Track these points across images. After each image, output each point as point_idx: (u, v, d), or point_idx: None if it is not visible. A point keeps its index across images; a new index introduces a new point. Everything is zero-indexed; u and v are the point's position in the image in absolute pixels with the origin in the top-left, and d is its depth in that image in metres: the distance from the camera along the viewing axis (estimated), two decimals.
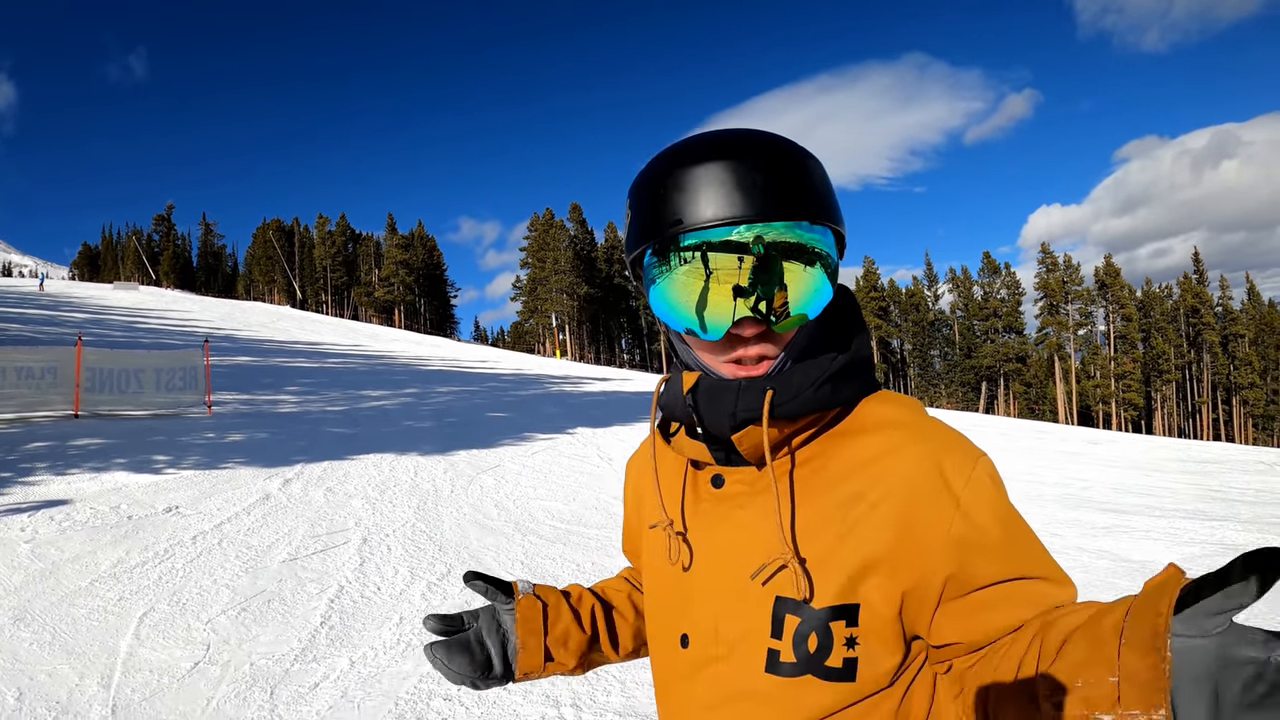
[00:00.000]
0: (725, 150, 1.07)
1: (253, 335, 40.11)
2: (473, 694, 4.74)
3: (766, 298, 1.05)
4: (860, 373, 1.15)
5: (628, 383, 39.07)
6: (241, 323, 47.66)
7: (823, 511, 1.10)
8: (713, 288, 1.05)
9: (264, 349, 33.61)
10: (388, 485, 10.10)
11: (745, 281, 1.04)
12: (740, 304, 1.05)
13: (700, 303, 1.07)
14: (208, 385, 16.07)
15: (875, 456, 1.09)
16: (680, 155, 1.10)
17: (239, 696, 4.59)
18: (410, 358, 40.26)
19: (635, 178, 1.16)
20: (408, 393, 23.36)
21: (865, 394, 1.16)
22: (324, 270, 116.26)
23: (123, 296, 59.25)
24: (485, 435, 15.41)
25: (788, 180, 1.06)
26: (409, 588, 6.49)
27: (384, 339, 54.22)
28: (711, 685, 1.17)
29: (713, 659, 1.17)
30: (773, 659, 1.09)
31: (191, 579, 6.34)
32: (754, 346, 1.10)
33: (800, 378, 1.10)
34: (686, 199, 1.06)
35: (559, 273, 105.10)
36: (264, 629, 5.55)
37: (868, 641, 1.06)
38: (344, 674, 4.95)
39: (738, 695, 1.13)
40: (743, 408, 1.10)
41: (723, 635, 1.15)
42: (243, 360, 27.27)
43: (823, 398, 1.10)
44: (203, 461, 10.71)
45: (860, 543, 1.06)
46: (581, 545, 8.07)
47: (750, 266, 1.04)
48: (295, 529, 7.86)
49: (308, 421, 15.59)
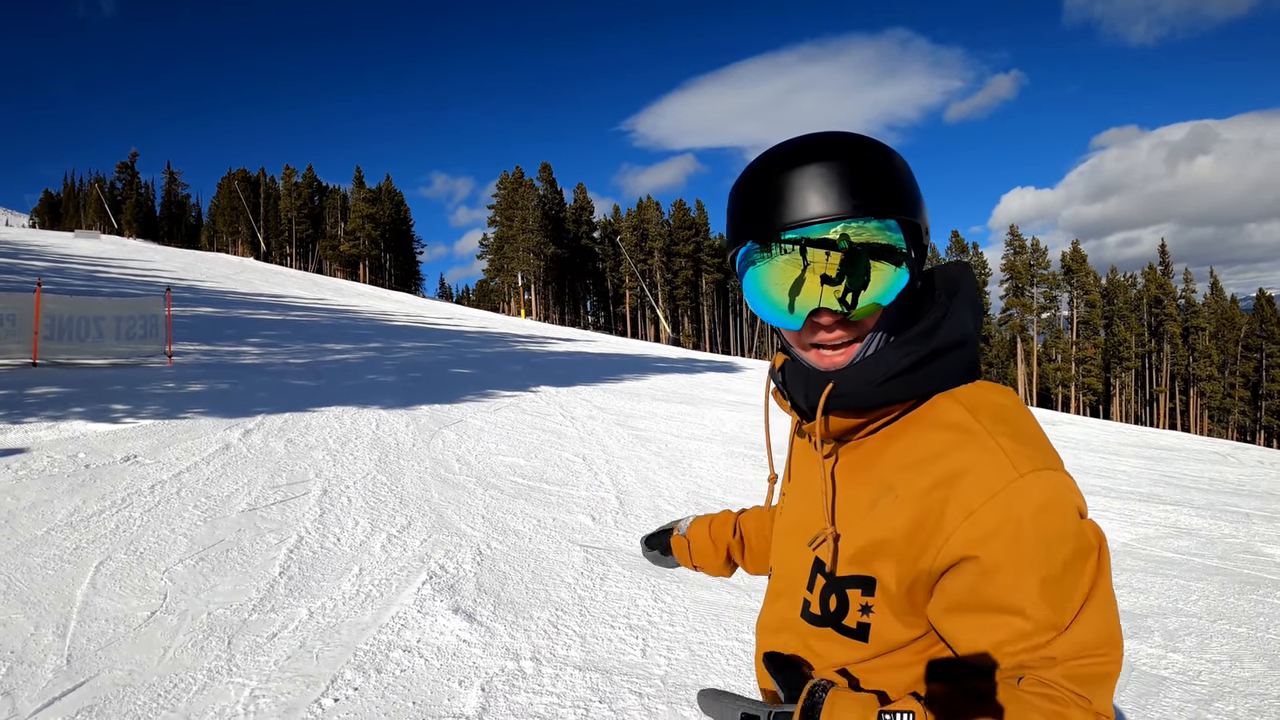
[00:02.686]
0: (817, 153, 1.15)
1: (215, 286, 39.62)
2: (432, 645, 4.76)
3: (849, 288, 1.12)
4: (941, 364, 1.19)
5: (591, 344, 39.06)
6: (204, 274, 47.03)
7: (862, 494, 1.22)
8: (807, 278, 1.14)
9: (227, 300, 33.20)
10: (349, 438, 10.04)
11: (834, 272, 1.12)
12: (827, 292, 1.13)
13: (792, 291, 1.16)
14: (169, 335, 15.83)
15: (923, 459, 1.15)
16: (782, 157, 1.18)
17: (196, 646, 4.57)
18: (374, 312, 39.98)
19: (740, 177, 1.24)
20: (371, 347, 23.20)
21: (951, 385, 1.20)
22: (289, 223, 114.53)
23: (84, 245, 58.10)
24: (449, 391, 15.36)
25: (870, 180, 1.13)
26: (369, 539, 6.47)
27: (348, 293, 53.75)
28: (775, 613, 1.39)
29: (778, 593, 1.40)
30: (805, 607, 1.29)
31: (149, 528, 6.28)
32: (833, 332, 1.18)
33: (868, 372, 1.17)
34: (783, 198, 1.13)
35: (526, 232, 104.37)
36: (222, 578, 5.53)
37: (881, 611, 1.18)
38: (303, 624, 4.94)
39: (785, 627, 1.34)
40: (810, 395, 1.23)
41: (785, 575, 1.39)
42: (205, 311, 26.96)
43: (889, 394, 1.17)
44: (162, 411, 10.59)
45: (878, 527, 1.17)
46: (543, 501, 8.08)
47: (838, 260, 1.11)
48: (255, 479, 7.81)
49: (270, 373, 15.45)
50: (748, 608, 5.66)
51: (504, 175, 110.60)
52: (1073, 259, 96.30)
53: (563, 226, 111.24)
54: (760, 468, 10.61)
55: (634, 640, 5.05)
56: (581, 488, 8.81)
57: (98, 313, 15.22)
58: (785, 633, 1.33)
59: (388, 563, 6.02)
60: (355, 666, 4.45)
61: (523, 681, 4.42)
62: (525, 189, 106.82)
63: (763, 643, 1.41)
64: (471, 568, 6.06)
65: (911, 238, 1.17)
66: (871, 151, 1.16)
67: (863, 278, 1.12)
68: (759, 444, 12.24)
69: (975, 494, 1.06)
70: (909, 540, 1.12)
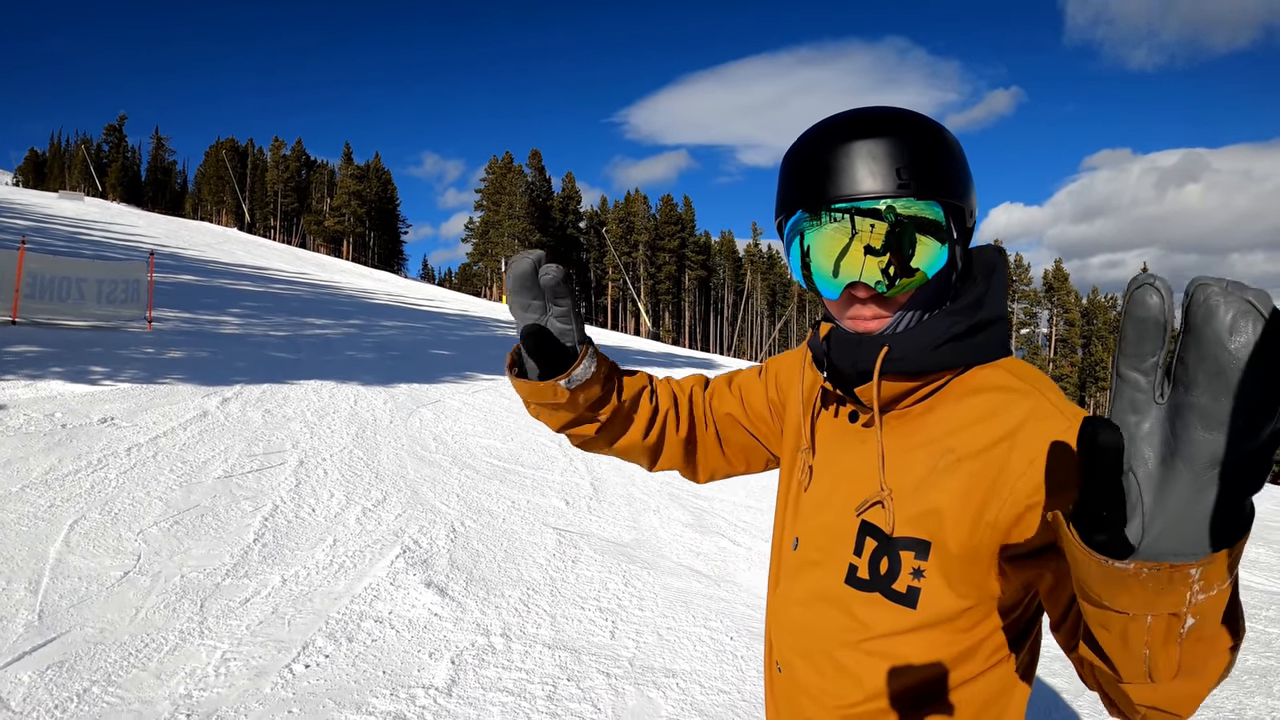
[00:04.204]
0: (870, 128, 1.17)
1: (198, 255, 39.27)
2: (403, 617, 4.80)
3: (890, 261, 1.15)
4: (985, 336, 1.22)
5: None
6: (187, 241, 46.59)
7: (917, 458, 1.21)
8: (852, 248, 1.16)
9: (209, 269, 32.92)
10: (327, 411, 10.04)
11: (879, 244, 1.14)
12: (869, 262, 1.15)
13: (837, 260, 1.18)
14: (149, 301, 15.66)
15: (979, 418, 1.17)
16: (836, 130, 1.20)
17: (168, 607, 4.60)
18: (356, 290, 39.80)
19: (792, 145, 1.26)
20: (352, 323, 23.12)
21: (991, 358, 1.23)
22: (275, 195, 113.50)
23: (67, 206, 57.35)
24: (428, 370, 15.34)
25: (919, 160, 1.15)
26: (344, 511, 6.51)
27: (330, 269, 53.45)
28: (806, 585, 1.36)
29: (812, 563, 1.35)
30: (851, 572, 1.26)
31: (124, 490, 6.29)
32: (868, 307, 1.21)
33: (920, 337, 1.20)
34: (834, 171, 1.16)
35: (513, 218, 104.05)
36: (196, 542, 5.54)
37: (933, 576, 1.18)
38: (275, 590, 4.97)
39: (821, 597, 1.32)
40: (861, 360, 1.23)
41: (821, 544, 1.34)
42: (186, 279, 26.74)
43: (941, 358, 1.20)
44: (141, 375, 10.53)
45: (935, 489, 1.17)
46: (517, 483, 8.13)
47: (884, 230, 1.14)
48: (232, 447, 7.81)
49: (250, 344, 15.37)
50: (717, 596, 5.73)
51: (493, 160, 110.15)
52: (1055, 277, 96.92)
53: (549, 215, 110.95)
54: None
55: (603, 622, 5.11)
56: (556, 472, 8.86)
57: (80, 274, 15.04)
58: (821, 604, 1.31)
59: (362, 535, 6.05)
60: (327, 634, 4.49)
61: (492, 656, 4.48)
62: (514, 175, 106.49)
63: (787, 617, 1.40)
64: (445, 544, 6.10)
65: (955, 219, 1.21)
66: (923, 131, 1.19)
67: (907, 251, 1.15)
68: None
69: (1037, 443, 1.08)
70: (968, 497, 1.13)
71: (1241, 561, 0.72)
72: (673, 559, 6.47)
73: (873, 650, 1.23)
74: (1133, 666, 0.81)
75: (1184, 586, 0.71)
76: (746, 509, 8.34)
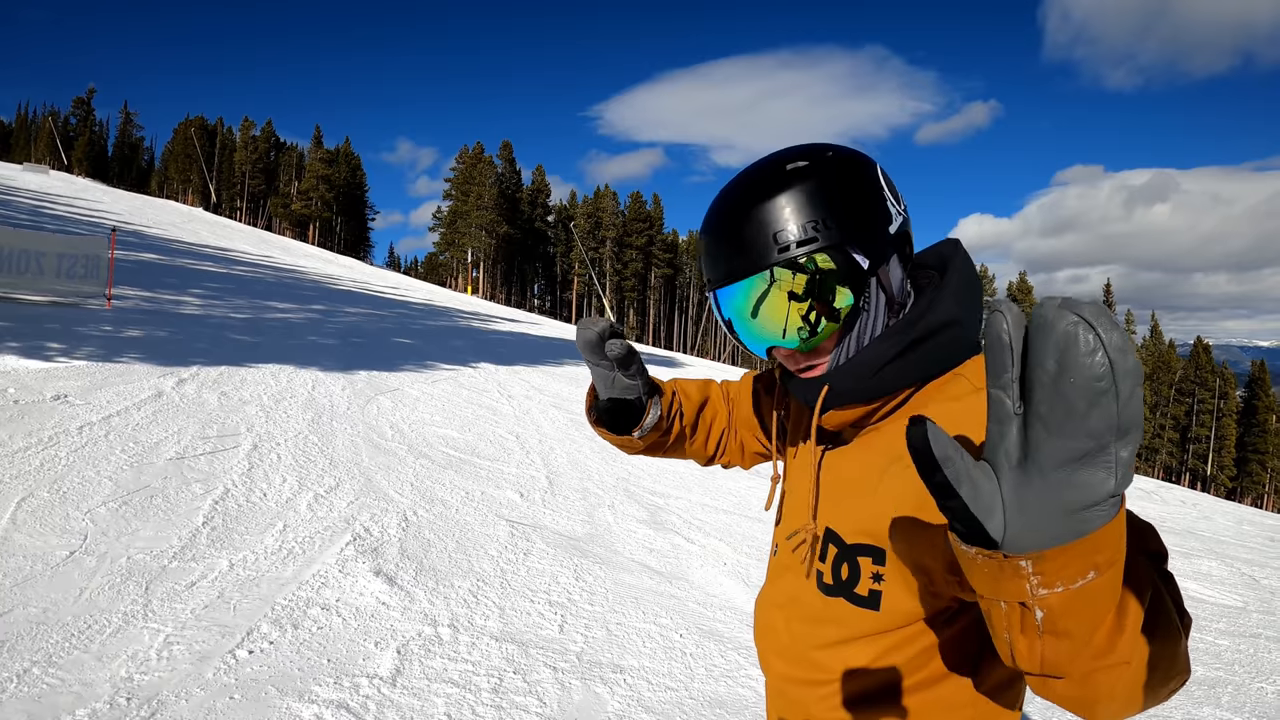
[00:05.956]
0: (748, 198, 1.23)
1: (162, 234, 38.78)
2: (351, 605, 4.78)
3: (798, 322, 1.22)
4: (927, 349, 1.22)
5: (536, 327, 39.02)
6: (151, 220, 46.00)
7: (876, 468, 1.24)
8: (771, 297, 1.22)
9: (172, 249, 32.55)
10: (284, 396, 9.96)
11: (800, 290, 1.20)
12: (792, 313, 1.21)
13: (756, 316, 1.24)
14: (110, 278, 15.48)
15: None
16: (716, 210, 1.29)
17: (113, 589, 4.55)
18: (321, 275, 39.51)
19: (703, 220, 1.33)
20: (315, 309, 22.96)
21: (947, 367, 1.24)
22: (243, 176, 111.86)
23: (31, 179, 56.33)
24: (388, 359, 15.27)
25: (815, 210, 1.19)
26: (296, 497, 6.47)
27: (296, 253, 53.00)
28: (783, 588, 1.44)
29: (786, 567, 1.44)
30: (818, 577, 1.33)
31: (74, 468, 6.21)
32: (798, 361, 1.30)
33: (857, 368, 1.24)
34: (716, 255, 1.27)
35: (481, 209, 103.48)
36: (144, 524, 5.49)
37: (892, 580, 1.21)
38: (222, 575, 4.94)
39: (794, 600, 1.39)
40: (809, 396, 1.30)
41: (793, 550, 1.41)
42: (149, 257, 26.42)
43: (885, 382, 1.23)
44: (97, 353, 10.40)
45: (887, 497, 1.20)
46: (473, 474, 8.12)
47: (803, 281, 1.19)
48: (185, 429, 7.74)
49: (210, 326, 15.21)
50: (667, 593, 5.75)
51: (464, 149, 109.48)
52: (1019, 289, 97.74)
53: (518, 207, 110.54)
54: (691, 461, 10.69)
55: (553, 616, 5.12)
56: (512, 464, 8.85)
57: (40, 248, 14.77)
58: (794, 606, 1.38)
59: (313, 521, 6.02)
60: (272, 620, 4.46)
61: (439, 647, 4.47)
62: (484, 165, 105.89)
63: (766, 619, 1.48)
64: (396, 533, 6.08)
65: (864, 246, 1.20)
66: (798, 182, 1.20)
67: (816, 305, 1.19)
68: None
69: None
70: (911, 504, 1.15)
71: (1193, 574, 0.75)
72: (625, 555, 6.49)
73: (843, 652, 1.27)
74: (1001, 649, 0.85)
75: (1018, 577, 0.76)
76: (702, 507, 8.37)
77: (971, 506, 0.75)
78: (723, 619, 5.46)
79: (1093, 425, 0.67)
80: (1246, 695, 5.46)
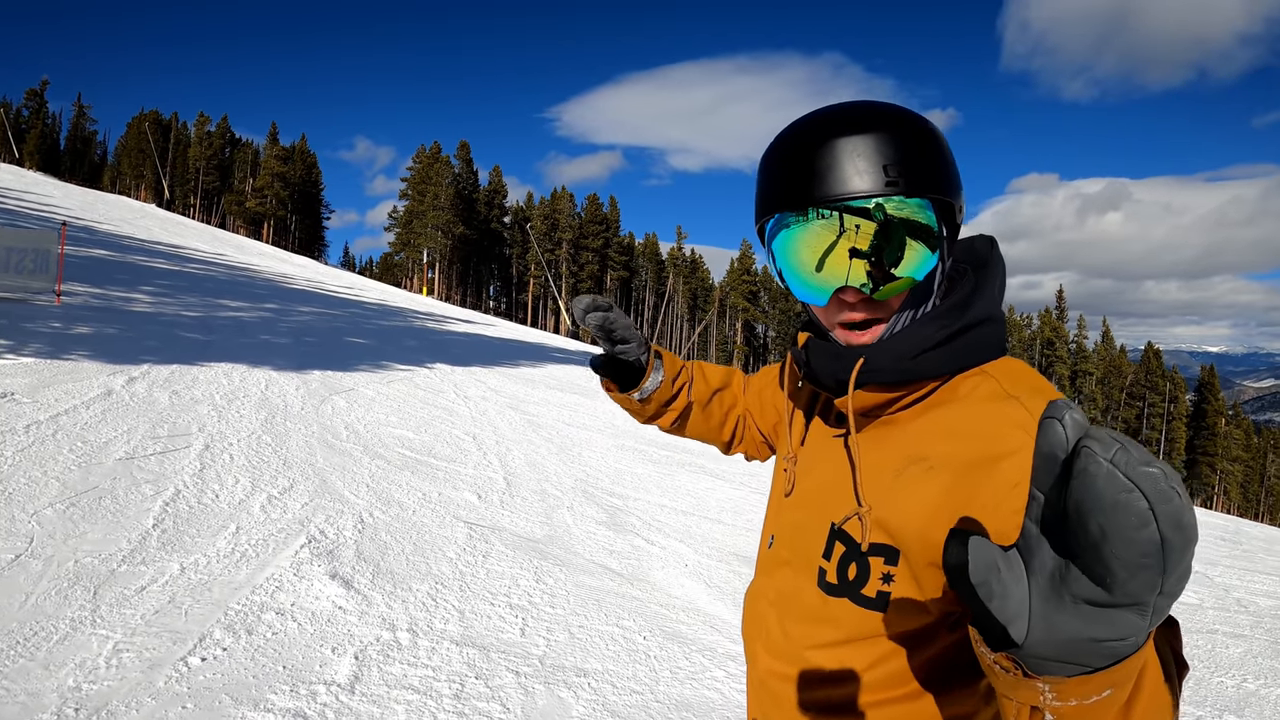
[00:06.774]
0: (853, 124, 1.14)
1: (113, 230, 37.98)
2: (306, 610, 4.68)
3: (876, 264, 1.12)
4: (970, 340, 1.18)
5: (491, 328, 38.89)
6: (103, 215, 45.11)
7: (894, 465, 1.18)
8: (839, 247, 1.13)
9: (123, 245, 31.90)
10: (237, 395, 9.78)
11: (865, 245, 1.12)
12: (855, 266, 1.13)
13: (822, 262, 1.15)
14: (59, 273, 15.09)
15: (958, 431, 1.13)
16: (818, 127, 1.17)
17: (60, 594, 4.41)
18: (274, 274, 38.99)
19: (771, 144, 1.23)
20: (268, 308, 22.63)
21: (979, 362, 1.19)
22: (197, 173, 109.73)
23: None
24: (343, 359, 15.09)
25: (907, 157, 1.12)
26: (249, 498, 6.33)
27: (249, 251, 52.23)
28: (778, 583, 1.38)
29: (783, 561, 1.38)
30: (820, 576, 1.26)
31: (20, 469, 6.04)
32: (859, 311, 1.19)
33: (899, 347, 1.17)
34: (818, 170, 1.13)
35: (437, 209, 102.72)
36: (92, 526, 5.34)
37: (902, 581, 1.15)
38: (173, 579, 4.80)
39: (791, 597, 1.33)
40: (839, 371, 1.22)
41: (792, 543, 1.36)
42: (99, 253, 25.89)
43: (922, 368, 1.17)
44: (45, 350, 10.14)
45: (906, 497, 1.15)
46: (430, 476, 8.01)
47: (872, 231, 1.11)
48: (135, 428, 7.56)
49: (161, 323, 14.91)
50: (629, 595, 5.70)
51: (421, 149, 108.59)
52: None
53: (474, 208, 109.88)
54: (649, 462, 10.70)
55: (513, 619, 5.05)
56: (470, 466, 8.76)
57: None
58: (790, 603, 1.33)
59: (266, 523, 5.89)
60: (225, 626, 4.35)
61: (398, 652, 4.39)
62: (441, 165, 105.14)
63: (756, 612, 1.44)
64: (352, 535, 5.98)
65: (944, 216, 1.17)
66: (909, 126, 1.16)
67: (896, 253, 1.12)
68: (649, 439, 12.31)
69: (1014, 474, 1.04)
70: (939, 511, 1.09)
71: None
72: (586, 556, 6.42)
73: (841, 653, 1.22)
74: None
75: (1032, 691, 0.75)
76: (661, 508, 8.33)
77: (998, 616, 0.72)
78: (686, 621, 5.43)
79: (1132, 590, 0.64)
80: (1207, 689, 5.55)
